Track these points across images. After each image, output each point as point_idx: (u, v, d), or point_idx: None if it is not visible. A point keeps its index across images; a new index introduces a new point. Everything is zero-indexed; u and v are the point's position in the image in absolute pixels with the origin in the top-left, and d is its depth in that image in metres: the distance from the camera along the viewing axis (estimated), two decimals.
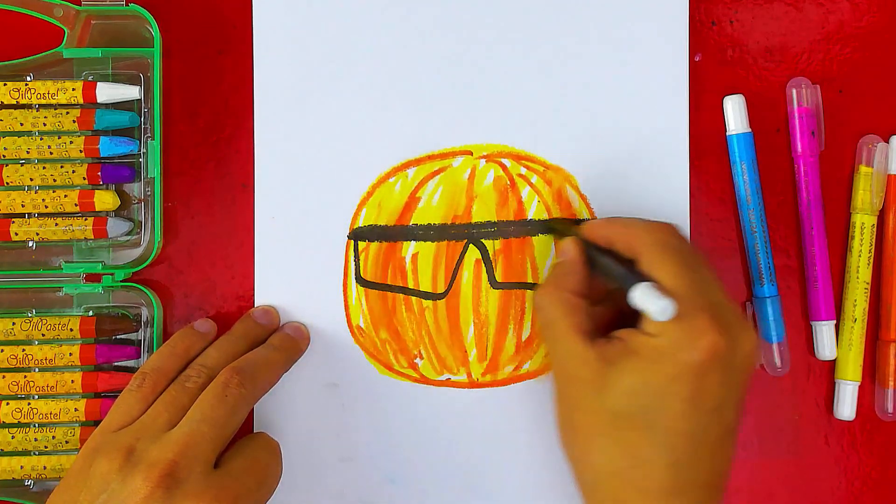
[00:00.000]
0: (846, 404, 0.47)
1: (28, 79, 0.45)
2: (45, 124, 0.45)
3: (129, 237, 0.46)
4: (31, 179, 0.45)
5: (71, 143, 0.45)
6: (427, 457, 0.46)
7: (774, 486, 0.47)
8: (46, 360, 0.44)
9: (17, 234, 0.45)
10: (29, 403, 0.44)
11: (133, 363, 0.45)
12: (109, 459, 0.37)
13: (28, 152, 0.45)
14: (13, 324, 0.45)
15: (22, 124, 0.45)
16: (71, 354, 0.44)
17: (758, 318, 0.47)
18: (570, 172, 0.46)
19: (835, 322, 0.47)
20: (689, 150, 0.46)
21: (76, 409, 0.44)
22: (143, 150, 0.45)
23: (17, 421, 0.44)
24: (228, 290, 0.46)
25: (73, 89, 0.44)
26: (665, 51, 0.46)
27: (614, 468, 0.38)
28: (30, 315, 0.45)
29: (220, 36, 0.47)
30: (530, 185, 0.46)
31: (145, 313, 0.45)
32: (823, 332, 0.47)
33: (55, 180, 0.45)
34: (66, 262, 0.45)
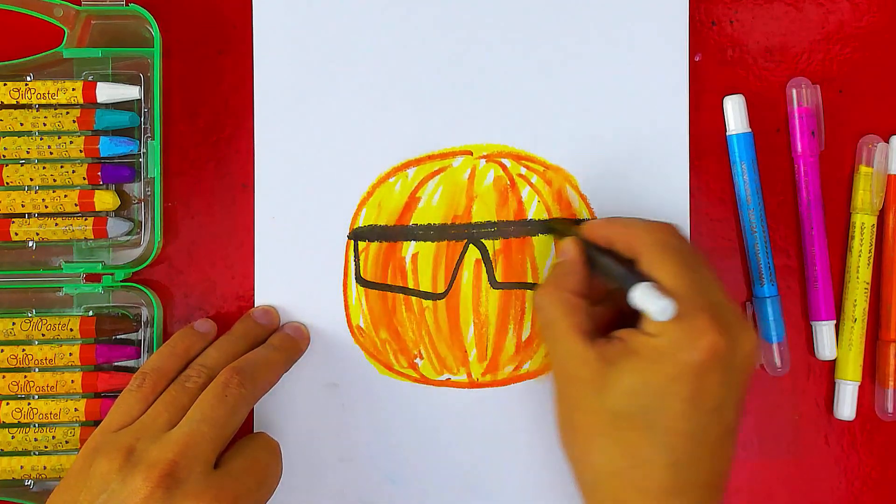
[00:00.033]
0: (846, 404, 0.47)
1: (28, 79, 0.45)
2: (45, 124, 0.45)
3: (129, 237, 0.46)
4: (31, 179, 0.45)
5: (71, 143, 0.45)
6: (427, 457, 0.46)
7: (774, 486, 0.47)
8: (46, 360, 0.44)
9: (17, 234, 0.45)
10: (29, 403, 0.44)
11: (133, 363, 0.45)
12: (109, 459, 0.37)
13: (28, 152, 0.45)
14: (13, 324, 0.45)
15: (22, 124, 0.45)
16: (71, 354, 0.44)
17: (758, 318, 0.47)
18: (570, 172, 0.46)
19: (835, 322, 0.47)
20: (689, 150, 0.46)
21: (76, 409, 0.44)
22: (143, 150, 0.45)
23: (17, 421, 0.44)
24: (228, 290, 0.46)
25: (73, 89, 0.44)
26: (665, 51, 0.46)
27: (614, 468, 0.38)
28: (30, 315, 0.45)
29: (220, 36, 0.47)
30: (530, 185, 0.46)
31: (145, 313, 0.45)
32: (823, 332, 0.47)
33: (55, 180, 0.45)
34: (66, 262, 0.45)
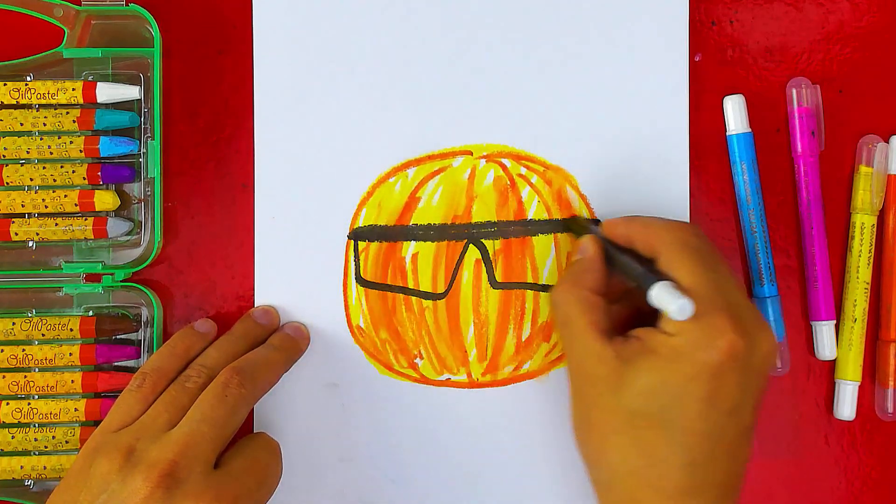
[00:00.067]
0: (846, 404, 0.47)
1: (28, 79, 0.45)
2: (45, 124, 0.45)
3: (129, 237, 0.46)
4: (31, 179, 0.45)
5: (71, 143, 0.45)
6: (427, 457, 0.46)
7: (774, 486, 0.47)
8: (46, 360, 0.44)
9: (17, 234, 0.45)
10: (29, 403, 0.44)
11: (133, 363, 0.45)
12: (109, 459, 0.37)
13: (28, 152, 0.45)
14: (13, 324, 0.45)
15: (22, 124, 0.45)
16: (71, 354, 0.44)
17: None
18: (570, 172, 0.46)
19: (835, 322, 0.47)
20: (689, 150, 0.46)
21: (76, 409, 0.44)
22: (143, 150, 0.45)
23: (17, 421, 0.44)
24: (228, 290, 0.46)
25: (73, 89, 0.44)
26: (665, 51, 0.46)
27: (630, 467, 0.38)
28: (30, 315, 0.45)
29: (220, 36, 0.47)
30: (530, 185, 0.46)
31: (145, 313, 0.45)
32: (823, 332, 0.47)
33: (55, 180, 0.45)
34: (66, 262, 0.45)
